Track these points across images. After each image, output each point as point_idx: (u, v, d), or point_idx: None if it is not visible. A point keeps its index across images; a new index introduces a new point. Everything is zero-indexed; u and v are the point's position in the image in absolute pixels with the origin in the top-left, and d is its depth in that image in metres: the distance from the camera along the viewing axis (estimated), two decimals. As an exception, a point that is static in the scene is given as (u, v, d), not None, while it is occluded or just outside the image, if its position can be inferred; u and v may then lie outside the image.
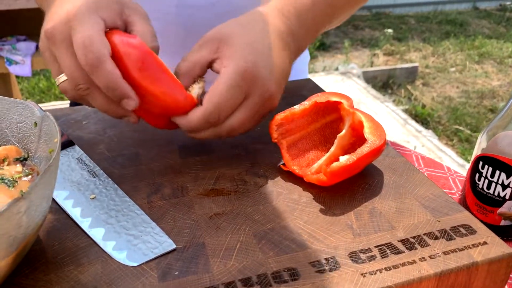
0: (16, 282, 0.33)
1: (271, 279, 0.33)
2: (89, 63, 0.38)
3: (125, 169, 0.47)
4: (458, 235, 0.38)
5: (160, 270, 0.34)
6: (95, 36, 0.38)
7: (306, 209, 0.41)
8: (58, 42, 0.40)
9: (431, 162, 0.60)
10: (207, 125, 0.43)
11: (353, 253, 0.36)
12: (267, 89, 0.44)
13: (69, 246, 0.36)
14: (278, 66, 0.45)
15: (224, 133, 0.45)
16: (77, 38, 0.39)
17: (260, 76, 0.43)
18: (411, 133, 2.57)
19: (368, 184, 0.44)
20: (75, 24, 0.39)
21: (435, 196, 0.43)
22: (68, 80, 0.41)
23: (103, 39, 0.39)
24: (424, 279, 0.34)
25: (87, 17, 0.39)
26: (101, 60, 0.38)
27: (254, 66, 0.43)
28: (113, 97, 0.40)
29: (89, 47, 0.38)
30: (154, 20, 0.65)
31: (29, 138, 0.39)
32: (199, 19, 0.65)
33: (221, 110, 0.42)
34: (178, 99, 0.42)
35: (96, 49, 0.38)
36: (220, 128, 0.44)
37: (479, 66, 3.68)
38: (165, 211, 0.40)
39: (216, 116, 0.43)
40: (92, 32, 0.39)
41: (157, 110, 0.43)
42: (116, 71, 0.39)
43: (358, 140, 0.46)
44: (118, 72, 0.39)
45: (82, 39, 0.38)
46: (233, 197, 0.43)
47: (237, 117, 0.44)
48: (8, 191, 0.33)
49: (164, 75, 0.41)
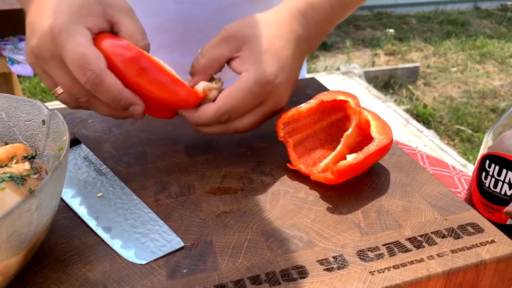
0: (25, 280, 0.33)
1: (280, 277, 0.33)
2: (89, 81, 0.38)
3: (131, 167, 0.47)
4: (465, 233, 0.38)
5: (168, 268, 0.34)
6: (87, 52, 0.37)
7: (313, 208, 0.41)
8: (48, 59, 0.39)
9: (435, 161, 0.60)
10: (215, 122, 0.44)
11: (361, 251, 0.36)
12: (281, 100, 0.45)
13: (77, 244, 0.37)
14: (294, 75, 0.46)
15: (231, 131, 0.45)
16: (70, 57, 0.37)
17: (278, 88, 0.44)
18: (412, 133, 2.57)
19: (374, 183, 0.44)
20: (62, 41, 0.38)
21: (441, 194, 0.43)
22: (67, 94, 0.41)
23: (96, 52, 0.38)
24: (432, 277, 0.34)
25: (73, 30, 0.38)
26: (101, 77, 0.37)
27: (275, 78, 0.43)
28: (119, 107, 0.40)
29: (86, 66, 0.37)
30: (152, 17, 0.65)
31: (37, 136, 0.39)
32: (197, 15, 0.65)
33: (233, 112, 0.43)
34: (180, 95, 0.42)
35: (93, 66, 0.37)
36: (227, 126, 0.44)
37: (481, 66, 3.68)
38: (172, 209, 0.40)
39: (227, 116, 0.43)
40: (82, 48, 0.37)
41: (160, 107, 0.44)
42: (117, 83, 0.39)
43: (365, 139, 0.46)
44: (119, 83, 0.39)
45: (76, 58, 0.37)
46: (240, 195, 0.43)
47: (247, 119, 0.44)
48: (17, 189, 0.33)
49: (160, 74, 0.41)
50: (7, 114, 0.40)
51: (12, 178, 0.34)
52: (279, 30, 0.46)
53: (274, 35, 0.45)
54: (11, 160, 0.37)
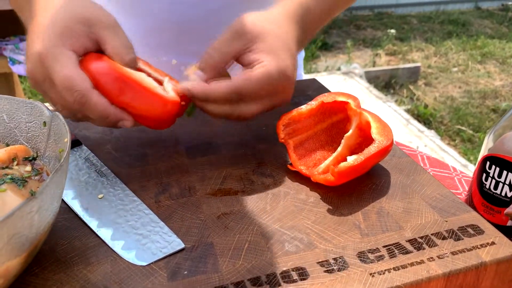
0: (26, 281, 0.33)
1: (280, 279, 0.33)
2: (76, 101, 0.40)
3: (132, 169, 0.47)
4: (466, 235, 0.38)
5: (169, 269, 0.34)
6: (72, 74, 0.39)
7: (313, 209, 0.41)
8: (41, 82, 0.41)
9: (436, 162, 0.60)
10: (224, 101, 0.43)
11: (361, 253, 0.36)
12: (289, 94, 0.46)
13: (78, 246, 0.37)
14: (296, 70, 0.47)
15: (235, 115, 0.45)
16: (57, 79, 0.39)
17: (291, 82, 0.45)
18: (413, 133, 2.57)
19: (375, 184, 0.44)
20: (49, 65, 0.40)
21: (442, 196, 0.43)
22: (65, 111, 0.42)
23: (80, 74, 0.40)
24: (432, 279, 0.34)
25: (58, 55, 0.40)
26: (86, 96, 0.39)
27: (292, 72, 0.45)
28: (108, 124, 0.42)
29: (71, 87, 0.39)
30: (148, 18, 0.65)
31: (38, 138, 0.40)
32: (192, 15, 0.66)
33: (247, 95, 0.43)
34: (159, 109, 0.43)
35: (78, 87, 0.39)
36: (233, 108, 0.44)
37: (482, 66, 3.68)
38: (173, 211, 0.41)
39: (236, 97, 0.43)
40: (67, 70, 0.39)
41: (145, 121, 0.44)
42: (103, 101, 0.40)
43: (365, 140, 0.46)
44: (105, 101, 0.41)
45: (62, 80, 0.39)
46: (240, 197, 0.43)
47: (255, 106, 0.44)
48: (19, 190, 0.33)
49: (140, 91, 0.42)
50: (8, 116, 0.41)
51: (13, 180, 0.34)
52: (282, 26, 0.47)
53: (282, 32, 0.46)
54: (12, 161, 0.37)
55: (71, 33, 0.41)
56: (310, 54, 3.71)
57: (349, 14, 4.81)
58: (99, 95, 0.40)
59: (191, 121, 0.56)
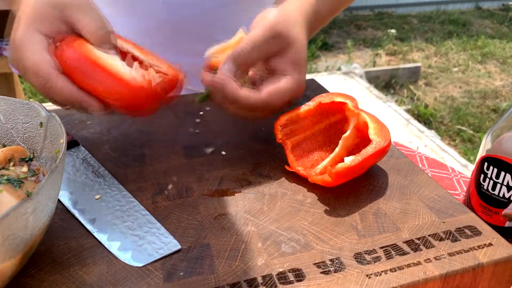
0: (21, 283, 0.33)
1: (276, 280, 0.33)
2: (41, 86, 0.40)
3: (130, 169, 0.47)
4: (463, 236, 0.38)
5: (165, 270, 0.34)
6: (38, 59, 0.40)
7: (310, 210, 0.41)
8: (21, 70, 0.42)
9: (435, 162, 0.60)
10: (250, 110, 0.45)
11: (358, 254, 0.36)
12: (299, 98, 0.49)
13: (74, 246, 0.37)
14: None
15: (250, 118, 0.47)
16: (27, 65, 0.40)
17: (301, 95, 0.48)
18: (413, 133, 2.57)
19: (372, 185, 0.44)
20: (21, 52, 0.41)
21: (439, 197, 0.43)
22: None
23: (46, 59, 0.40)
24: (429, 280, 0.34)
25: (29, 41, 0.41)
26: (50, 82, 0.40)
27: (303, 87, 0.47)
28: (76, 107, 0.42)
29: (37, 73, 0.40)
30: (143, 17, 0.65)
31: (34, 138, 0.40)
32: (188, 15, 0.66)
33: (269, 107, 0.45)
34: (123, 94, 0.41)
35: (42, 72, 0.40)
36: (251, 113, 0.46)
37: (482, 66, 3.68)
38: (170, 212, 0.40)
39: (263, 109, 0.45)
40: (34, 56, 0.40)
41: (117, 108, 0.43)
42: (68, 86, 0.41)
43: (363, 141, 0.46)
44: (70, 86, 0.41)
45: (30, 66, 0.40)
46: (237, 197, 0.43)
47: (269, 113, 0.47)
48: (15, 191, 0.33)
49: (104, 76, 0.41)
50: (5, 116, 0.40)
51: (9, 181, 0.34)
52: (304, 32, 0.48)
53: (305, 37, 0.48)
54: (9, 162, 0.37)
55: (43, 18, 0.41)
56: (310, 54, 3.70)
57: (349, 14, 4.81)
58: (65, 80, 0.41)
59: (189, 121, 0.56)
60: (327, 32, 4.27)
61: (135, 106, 0.43)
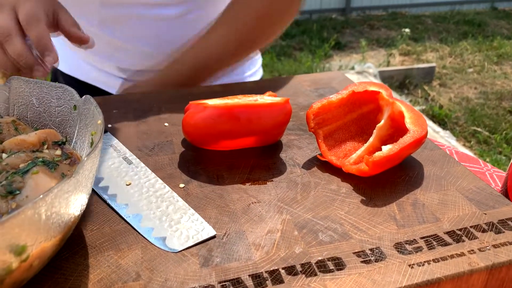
0: (57, 266, 0.32)
1: (316, 268, 0.32)
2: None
3: (158, 156, 0.46)
4: (507, 228, 0.36)
5: (201, 256, 0.33)
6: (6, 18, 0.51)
7: (346, 200, 0.40)
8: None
9: (465, 156, 0.58)
10: None
11: (398, 244, 0.35)
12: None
13: (108, 231, 0.36)
14: None
15: None
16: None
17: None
18: (428, 133, 2.54)
19: (408, 176, 0.43)
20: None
21: (478, 189, 0.41)
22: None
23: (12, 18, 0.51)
24: (475, 271, 0.32)
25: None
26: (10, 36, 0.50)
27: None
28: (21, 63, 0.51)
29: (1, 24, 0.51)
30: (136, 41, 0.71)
31: (67, 122, 0.39)
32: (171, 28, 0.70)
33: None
34: None
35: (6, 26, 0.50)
36: None
37: (498, 67, 3.62)
38: (201, 199, 0.40)
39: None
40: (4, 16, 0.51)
41: None
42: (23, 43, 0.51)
43: (396, 131, 0.45)
44: (25, 45, 0.51)
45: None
46: (269, 186, 0.42)
47: None
48: (51, 173, 0.32)
49: None
50: (38, 100, 0.40)
51: (44, 163, 0.33)
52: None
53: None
54: (42, 145, 0.37)
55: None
56: (323, 54, 3.68)
57: (362, 13, 4.77)
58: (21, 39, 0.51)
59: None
60: (340, 31, 4.24)
61: None
